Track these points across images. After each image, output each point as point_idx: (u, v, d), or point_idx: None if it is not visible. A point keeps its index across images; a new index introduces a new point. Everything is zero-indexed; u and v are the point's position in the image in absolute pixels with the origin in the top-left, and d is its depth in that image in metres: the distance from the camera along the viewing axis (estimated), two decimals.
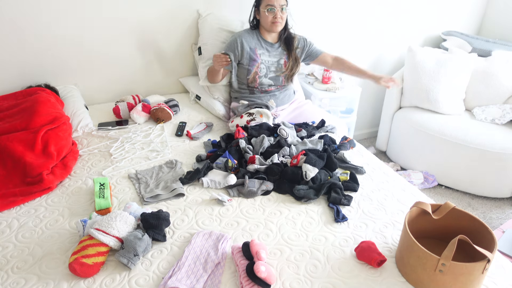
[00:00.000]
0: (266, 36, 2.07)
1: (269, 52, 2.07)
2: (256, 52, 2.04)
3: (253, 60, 2.03)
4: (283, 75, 2.11)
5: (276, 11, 1.92)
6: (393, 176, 1.65)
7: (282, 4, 1.93)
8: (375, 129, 3.51)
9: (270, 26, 1.97)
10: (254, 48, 2.03)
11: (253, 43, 2.04)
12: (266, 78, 2.07)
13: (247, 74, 2.06)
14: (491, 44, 2.97)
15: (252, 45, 2.04)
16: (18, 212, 1.37)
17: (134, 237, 1.15)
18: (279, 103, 2.14)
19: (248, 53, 2.02)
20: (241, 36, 2.03)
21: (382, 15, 2.90)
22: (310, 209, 1.42)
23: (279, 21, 1.95)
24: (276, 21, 1.94)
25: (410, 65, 2.82)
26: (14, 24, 1.92)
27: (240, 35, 2.03)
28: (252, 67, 2.04)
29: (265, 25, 2.00)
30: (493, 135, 2.52)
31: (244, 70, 2.05)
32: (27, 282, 1.08)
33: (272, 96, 2.12)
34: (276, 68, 2.09)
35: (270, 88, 2.11)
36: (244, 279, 1.06)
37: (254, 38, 2.05)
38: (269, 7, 1.92)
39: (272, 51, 2.08)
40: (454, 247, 0.99)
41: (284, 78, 2.12)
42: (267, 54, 2.07)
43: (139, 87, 2.38)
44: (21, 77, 2.04)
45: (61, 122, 1.73)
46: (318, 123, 2.06)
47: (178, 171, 1.61)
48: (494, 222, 2.42)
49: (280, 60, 2.09)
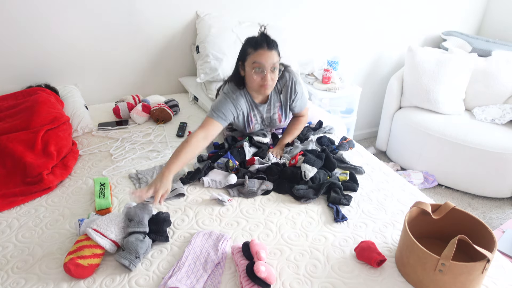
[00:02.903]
0: (255, 97, 1.70)
1: (261, 113, 1.77)
2: (251, 117, 1.75)
3: (249, 123, 1.77)
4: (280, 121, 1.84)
5: (266, 73, 1.53)
6: (393, 176, 1.65)
7: (275, 62, 1.53)
8: (375, 129, 3.51)
9: (258, 89, 1.60)
10: (247, 114, 1.73)
11: (245, 108, 1.71)
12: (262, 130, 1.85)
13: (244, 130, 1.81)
14: (491, 44, 2.97)
15: (245, 111, 1.71)
16: (18, 212, 1.37)
17: (136, 239, 1.15)
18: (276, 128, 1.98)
19: (242, 119, 1.74)
20: (237, 102, 1.65)
21: (382, 15, 2.90)
22: (310, 209, 1.42)
23: (269, 83, 1.56)
24: (265, 84, 1.55)
25: (410, 65, 2.83)
26: (14, 24, 1.92)
27: (236, 101, 1.65)
28: (248, 129, 1.79)
29: (251, 86, 1.61)
30: (493, 135, 2.52)
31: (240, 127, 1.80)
32: (27, 282, 1.08)
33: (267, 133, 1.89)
34: (271, 122, 1.83)
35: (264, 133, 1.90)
36: (244, 279, 1.06)
37: (245, 102, 1.70)
38: (257, 66, 1.52)
39: (264, 111, 1.76)
40: (454, 247, 0.99)
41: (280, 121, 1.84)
42: (259, 115, 1.77)
43: (139, 87, 2.38)
44: (21, 77, 2.05)
45: (61, 122, 1.73)
46: (316, 125, 2.03)
47: (179, 171, 1.61)
48: (494, 222, 2.42)
49: (274, 115, 1.79)
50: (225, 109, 1.61)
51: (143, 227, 1.18)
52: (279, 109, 1.78)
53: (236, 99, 1.65)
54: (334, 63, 2.70)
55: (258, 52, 1.52)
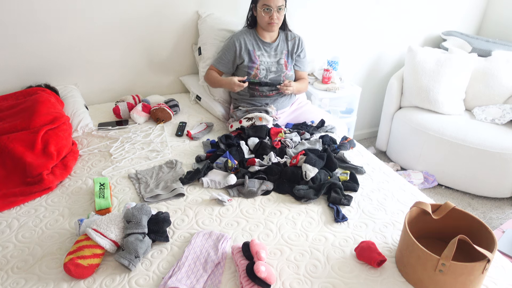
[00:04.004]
0: (264, 36, 2.03)
1: (267, 52, 2.03)
2: (255, 54, 2.00)
3: (252, 63, 2.00)
4: (284, 75, 2.07)
5: (273, 12, 1.87)
6: (393, 176, 1.65)
7: (280, 5, 1.88)
8: (375, 129, 3.51)
9: (266, 26, 1.94)
10: (252, 50, 2.00)
11: (251, 45, 2.00)
12: (266, 79, 2.03)
13: (247, 75, 2.01)
14: (491, 44, 2.97)
15: (251, 47, 2.00)
16: (18, 212, 1.37)
17: (135, 238, 1.15)
18: (279, 107, 2.11)
19: (247, 55, 1.99)
20: (239, 38, 1.99)
21: (382, 15, 2.90)
22: (310, 209, 1.42)
23: (275, 21, 1.91)
24: (272, 21, 1.90)
25: (410, 65, 2.82)
26: (14, 24, 1.92)
27: (238, 37, 1.99)
28: (252, 70, 2.00)
29: (261, 24, 1.96)
30: (493, 135, 2.52)
31: (243, 72, 2.01)
32: (27, 282, 1.08)
33: (273, 101, 2.07)
34: (277, 68, 2.04)
35: (271, 93, 2.06)
36: (244, 279, 1.06)
37: (252, 39, 2.01)
38: (265, 7, 1.87)
39: (271, 51, 2.04)
40: (454, 247, 0.99)
41: (285, 78, 2.07)
42: (266, 55, 2.03)
43: (139, 87, 2.38)
44: (21, 77, 2.05)
45: (61, 122, 1.73)
46: (318, 123, 2.05)
47: (178, 171, 1.61)
48: (494, 222, 2.42)
49: (280, 60, 2.05)
50: (224, 54, 2.02)
51: (142, 228, 1.18)
52: (286, 55, 2.06)
53: (240, 35, 2.00)
54: (334, 63, 2.70)
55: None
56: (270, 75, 2.04)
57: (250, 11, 2.02)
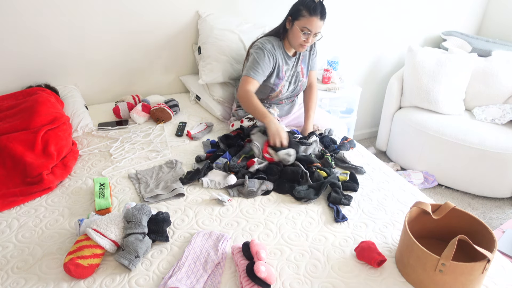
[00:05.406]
0: (289, 49, 1.89)
1: (288, 65, 1.92)
2: (283, 69, 1.88)
3: (279, 79, 1.89)
4: (301, 84, 1.98)
5: (310, 37, 1.75)
6: (393, 176, 1.65)
7: (319, 31, 1.76)
8: (375, 129, 3.51)
9: (297, 46, 1.80)
10: (281, 66, 1.88)
11: (281, 60, 1.87)
12: (287, 92, 1.96)
13: (270, 92, 1.91)
14: (491, 44, 2.97)
15: (281, 62, 1.87)
16: (18, 212, 1.37)
17: (135, 238, 1.15)
18: (283, 114, 2.07)
19: (277, 71, 1.87)
20: (275, 53, 1.83)
21: (382, 15, 2.90)
22: (310, 209, 1.42)
23: (308, 45, 1.80)
24: (305, 45, 1.78)
25: (410, 65, 2.83)
26: (14, 24, 1.92)
27: (274, 52, 1.83)
28: (277, 87, 1.90)
29: (292, 42, 1.81)
30: (493, 135, 2.52)
31: (268, 87, 1.90)
32: (27, 282, 1.08)
33: (279, 107, 2.02)
34: (296, 78, 1.96)
35: (281, 102, 2.02)
36: (244, 279, 1.06)
37: (281, 53, 1.87)
38: (306, 30, 1.72)
39: (291, 63, 1.92)
40: (454, 247, 0.99)
41: (302, 86, 2.00)
42: (288, 68, 1.92)
43: (139, 87, 2.38)
44: (21, 77, 2.04)
45: (61, 122, 1.73)
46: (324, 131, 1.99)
47: (178, 171, 1.61)
48: (494, 222, 2.42)
49: (298, 67, 1.95)
50: (263, 65, 1.79)
51: (142, 228, 1.18)
52: (302, 61, 1.97)
53: (272, 49, 1.82)
54: (334, 63, 2.70)
55: (311, 19, 1.71)
56: (291, 87, 1.97)
57: (284, 21, 1.83)
